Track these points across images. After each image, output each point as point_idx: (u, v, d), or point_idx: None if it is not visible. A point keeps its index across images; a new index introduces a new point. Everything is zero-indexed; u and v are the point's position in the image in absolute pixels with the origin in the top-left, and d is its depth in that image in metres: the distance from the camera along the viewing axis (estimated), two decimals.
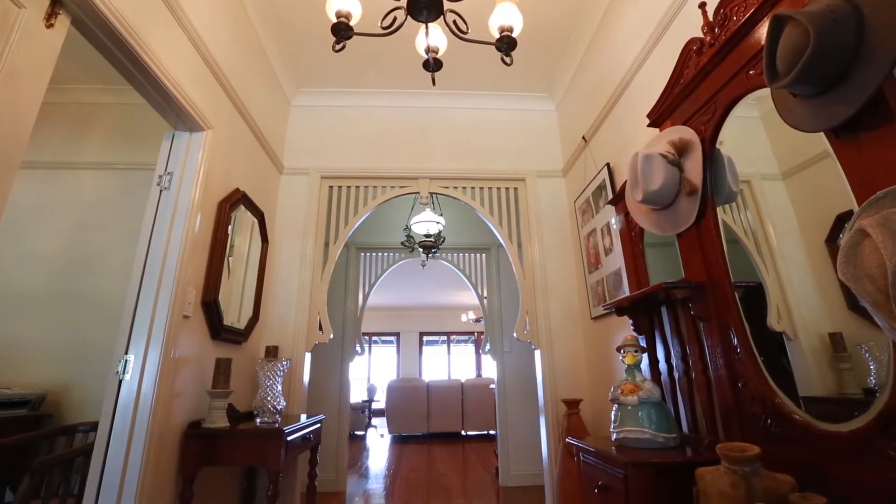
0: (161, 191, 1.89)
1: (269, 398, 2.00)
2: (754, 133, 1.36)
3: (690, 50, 1.53)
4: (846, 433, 0.99)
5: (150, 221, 1.85)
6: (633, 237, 2.04)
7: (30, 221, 2.79)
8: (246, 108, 2.45)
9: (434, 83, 1.65)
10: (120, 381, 1.65)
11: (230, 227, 2.21)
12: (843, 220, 1.05)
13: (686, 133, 1.53)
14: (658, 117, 1.71)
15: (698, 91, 1.49)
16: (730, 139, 1.43)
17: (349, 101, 3.27)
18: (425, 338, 11.36)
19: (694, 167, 1.48)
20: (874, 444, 0.93)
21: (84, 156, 2.95)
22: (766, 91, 1.19)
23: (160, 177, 1.91)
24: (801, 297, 1.22)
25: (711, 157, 1.45)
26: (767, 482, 1.01)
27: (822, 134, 1.04)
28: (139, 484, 1.57)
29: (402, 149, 3.18)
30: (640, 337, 1.85)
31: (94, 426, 1.89)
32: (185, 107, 1.85)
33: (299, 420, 2.15)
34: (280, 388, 2.07)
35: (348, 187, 3.08)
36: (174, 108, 1.85)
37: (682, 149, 1.52)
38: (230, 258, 2.25)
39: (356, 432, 7.39)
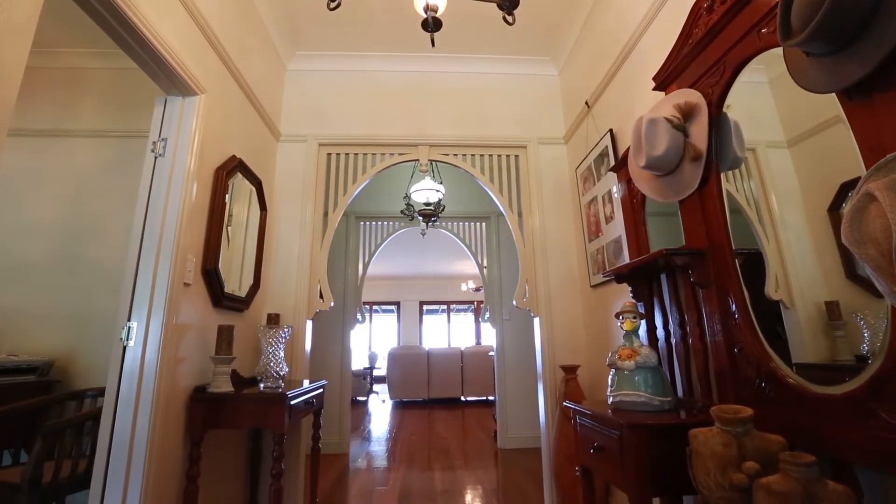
0: (156, 157, 1.86)
1: (271, 364, 2.04)
2: (761, 99, 1.33)
3: (700, 8, 1.47)
4: (839, 395, 1.01)
5: (147, 189, 1.83)
6: (634, 205, 2.03)
7: (28, 190, 2.76)
8: (240, 73, 2.38)
9: (433, 44, 1.60)
10: (124, 348, 1.67)
11: (228, 196, 2.18)
12: (847, 188, 1.04)
13: (692, 96, 1.49)
14: (664, 80, 1.66)
15: (707, 52, 1.44)
16: (736, 105, 1.40)
17: (346, 65, 3.17)
18: (425, 307, 11.49)
19: (699, 132, 1.45)
20: (865, 405, 0.95)
21: (78, 123, 2.89)
22: (777, 53, 1.15)
23: (154, 143, 1.87)
24: (800, 265, 1.22)
25: (718, 122, 1.42)
26: (759, 442, 1.03)
27: (832, 98, 1.01)
28: (148, 445, 1.62)
29: (401, 115, 3.11)
30: (638, 304, 1.87)
31: (101, 391, 1.93)
32: (176, 70, 1.80)
33: (302, 385, 2.20)
34: (282, 354, 2.10)
35: (346, 154, 3.03)
36: (166, 71, 1.80)
37: (687, 113, 1.48)
38: (229, 227, 2.24)
39: (358, 398, 7.59)
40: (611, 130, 2.39)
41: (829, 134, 1.09)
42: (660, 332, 1.81)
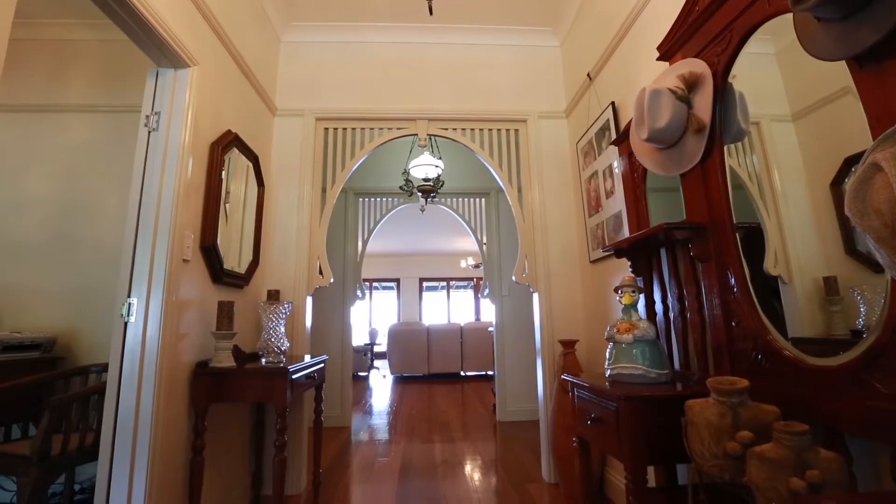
0: (150, 132, 1.83)
1: (272, 339, 2.05)
2: (767, 71, 1.30)
3: None
4: (834, 367, 1.02)
5: (141, 164, 1.80)
6: (635, 179, 2.01)
7: (22, 167, 2.72)
8: (233, 44, 2.31)
9: (431, 12, 1.55)
10: (126, 324, 1.68)
11: (224, 172, 2.16)
12: (851, 163, 1.03)
13: (697, 66, 1.45)
14: (669, 49, 1.62)
15: (714, 19, 1.40)
16: (742, 77, 1.37)
17: (343, 36, 3.08)
18: (425, 283, 11.55)
19: (703, 103, 1.42)
20: (860, 376, 0.96)
21: (69, 97, 2.83)
22: (784, 23, 1.11)
23: (147, 117, 1.84)
24: (799, 241, 1.23)
25: (723, 92, 1.39)
26: (753, 412, 1.05)
27: (839, 70, 0.98)
28: (153, 419, 1.64)
29: (399, 88, 3.05)
30: (637, 279, 1.87)
31: (105, 367, 1.95)
32: (167, 41, 1.74)
33: (303, 360, 2.22)
34: (283, 329, 2.11)
35: (344, 129, 2.98)
36: (156, 42, 1.74)
37: (692, 83, 1.45)
38: (227, 204, 2.22)
39: (359, 373, 7.71)
40: (612, 103, 2.35)
41: (834, 107, 1.07)
42: (658, 307, 1.82)
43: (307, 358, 2.34)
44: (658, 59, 1.71)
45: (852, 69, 0.96)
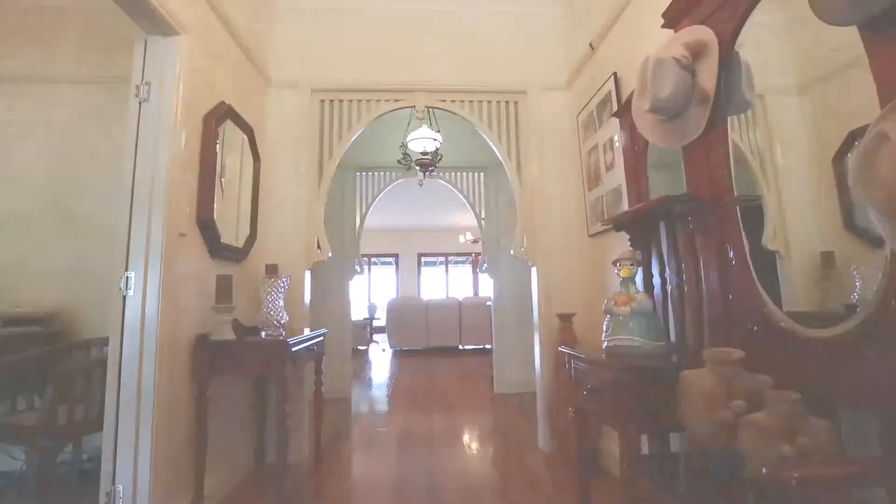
0: (141, 102, 1.78)
1: (272, 313, 2.07)
2: (774, 41, 1.26)
3: None
4: (829, 338, 1.03)
5: (134, 136, 1.77)
6: (636, 152, 1.98)
7: (14, 140, 2.67)
8: (225, 12, 2.23)
9: None
10: (124, 298, 1.69)
11: (219, 145, 2.12)
12: (856, 136, 1.01)
13: (703, 34, 1.41)
14: (674, 15, 1.57)
15: None
16: (748, 47, 1.33)
17: (337, 3, 2.98)
18: (424, 259, 11.57)
19: (708, 72, 1.38)
20: (854, 347, 0.97)
21: (57, 68, 2.75)
22: None
23: (137, 87, 1.79)
24: (798, 216, 1.22)
25: (728, 62, 1.35)
26: (747, 382, 1.07)
27: (848, 39, 0.95)
28: (155, 390, 1.67)
29: (396, 59, 2.97)
30: (636, 252, 1.87)
31: (107, 341, 1.96)
32: (156, 6, 1.68)
33: (303, 333, 2.24)
34: (282, 303, 2.12)
35: (340, 101, 2.92)
36: (144, 8, 1.68)
37: (697, 51, 1.41)
38: (223, 178, 2.19)
39: (359, 347, 7.81)
40: (614, 74, 2.29)
41: (841, 79, 1.05)
42: (656, 280, 1.82)
43: (307, 331, 2.36)
44: (663, 26, 1.65)
45: (864, 35, 0.93)
